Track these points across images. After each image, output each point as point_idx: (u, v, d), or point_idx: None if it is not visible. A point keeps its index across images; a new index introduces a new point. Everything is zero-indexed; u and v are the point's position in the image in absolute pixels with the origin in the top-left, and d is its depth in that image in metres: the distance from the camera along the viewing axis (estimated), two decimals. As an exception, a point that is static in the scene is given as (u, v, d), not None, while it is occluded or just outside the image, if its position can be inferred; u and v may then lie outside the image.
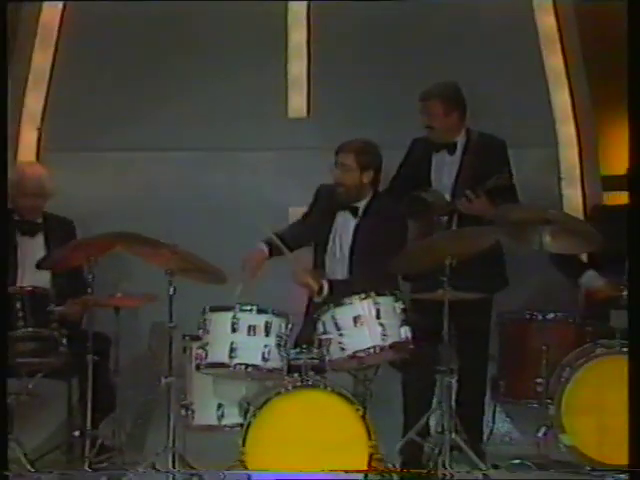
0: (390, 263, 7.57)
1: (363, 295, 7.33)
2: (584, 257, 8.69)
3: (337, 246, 7.95)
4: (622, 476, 5.69)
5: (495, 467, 7.68)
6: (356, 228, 7.89)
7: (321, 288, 7.66)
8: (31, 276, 8.34)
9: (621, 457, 7.76)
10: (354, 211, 7.89)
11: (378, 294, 7.35)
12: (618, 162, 9.48)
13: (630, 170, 6.72)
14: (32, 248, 8.50)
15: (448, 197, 8.27)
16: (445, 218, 8.19)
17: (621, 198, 9.11)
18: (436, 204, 8.17)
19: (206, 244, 7.63)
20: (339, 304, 7.34)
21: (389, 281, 7.65)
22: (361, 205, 7.91)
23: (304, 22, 10.56)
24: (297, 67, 10.39)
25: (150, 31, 10.60)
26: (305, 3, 10.63)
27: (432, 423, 7.46)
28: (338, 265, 7.91)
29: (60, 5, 11.04)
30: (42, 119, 10.23)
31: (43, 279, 8.32)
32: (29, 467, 7.79)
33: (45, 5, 11.01)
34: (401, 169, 8.50)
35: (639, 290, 5.68)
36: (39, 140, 10.09)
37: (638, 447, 5.46)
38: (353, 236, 7.89)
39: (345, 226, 7.92)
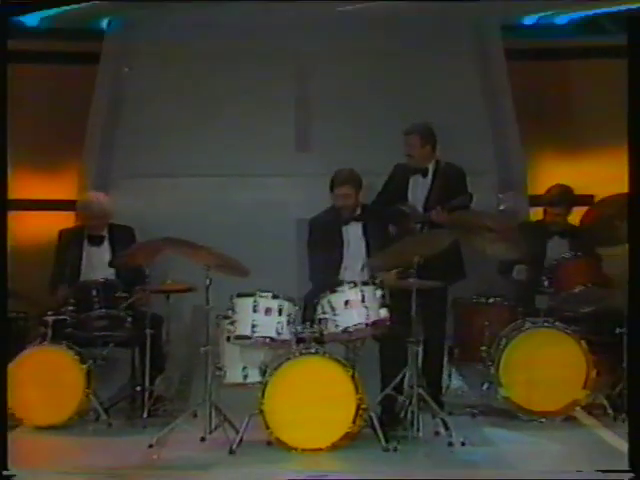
0: (373, 259, 7.64)
1: (352, 284, 7.32)
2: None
3: (352, 252, 7.93)
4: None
5: (450, 414, 7.68)
6: (364, 233, 7.89)
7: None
8: (101, 273, 8.34)
9: (543, 405, 7.94)
10: (357, 220, 7.89)
11: (363, 283, 7.34)
12: (539, 185, 9.45)
13: (630, 170, 6.06)
14: (99, 254, 8.49)
15: (421, 210, 8.23)
16: (419, 226, 8.14)
17: (539, 214, 9.17)
18: (412, 215, 8.15)
19: (233, 247, 7.54)
20: (334, 291, 7.30)
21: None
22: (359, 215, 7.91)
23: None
24: (302, 117, 10.20)
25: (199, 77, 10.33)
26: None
27: (404, 381, 7.39)
28: (356, 263, 7.92)
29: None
30: (109, 147, 10.10)
31: (110, 274, 8.35)
32: (103, 414, 7.87)
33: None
34: (386, 187, 8.44)
35: (639, 290, 5.16)
36: (107, 170, 9.95)
37: (638, 447, 4.91)
38: (363, 237, 7.92)
39: (354, 233, 7.93)
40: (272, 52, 10.32)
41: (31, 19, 11.67)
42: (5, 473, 4.71)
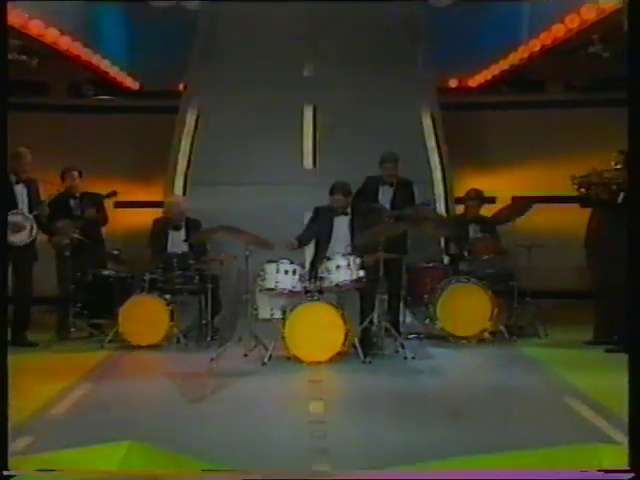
0: (356, 239, 7.49)
1: (341, 255, 7.23)
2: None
3: (341, 235, 7.61)
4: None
5: (405, 339, 7.58)
6: (350, 223, 7.60)
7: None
8: (179, 248, 8.16)
9: (464, 332, 7.84)
10: (346, 215, 7.62)
11: (349, 254, 7.22)
12: (461, 190, 9.28)
13: (630, 171, 5.05)
14: (178, 236, 8.30)
15: (389, 208, 7.99)
16: (387, 219, 7.83)
17: (460, 210, 9.03)
18: (383, 211, 7.93)
19: (263, 230, 7.42)
20: (329, 259, 7.22)
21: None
22: (348, 212, 7.66)
23: (311, 119, 10.19)
24: (308, 143, 10.01)
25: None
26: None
27: (375, 318, 7.29)
28: (344, 242, 7.54)
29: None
30: (187, 166, 9.84)
31: (185, 249, 8.16)
32: (182, 338, 7.79)
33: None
34: (360, 192, 8.03)
35: (639, 289, 4.19)
36: (185, 179, 9.75)
37: (638, 447, 3.86)
38: (349, 226, 7.59)
39: (342, 223, 7.61)
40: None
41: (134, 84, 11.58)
42: (5, 473, 3.80)
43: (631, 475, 3.72)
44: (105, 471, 4.18)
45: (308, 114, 10.20)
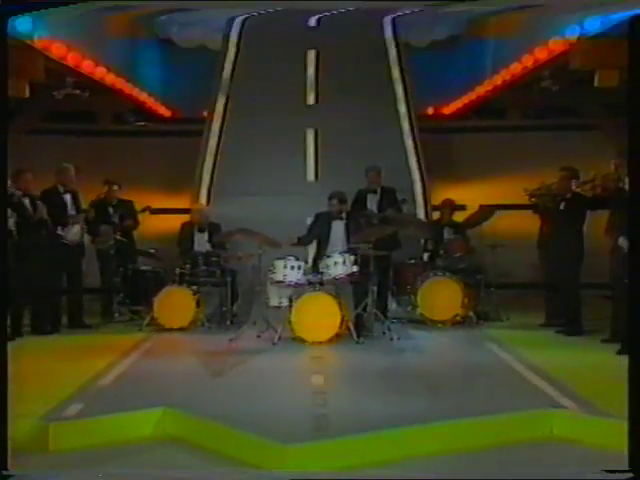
0: (352, 238, 7.35)
1: (338, 254, 7.16)
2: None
3: (338, 236, 7.48)
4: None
5: (392, 322, 7.49)
6: (346, 226, 7.49)
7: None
8: (203, 247, 8.09)
9: (440, 317, 7.76)
10: (342, 219, 7.53)
11: (345, 252, 7.16)
12: (437, 200, 9.24)
13: (630, 171, 4.60)
14: (202, 237, 8.20)
15: (376, 212, 7.86)
16: (375, 221, 7.74)
17: (436, 215, 8.90)
18: (370, 214, 7.81)
19: (274, 232, 7.39)
20: (328, 257, 7.14)
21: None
22: (344, 217, 7.59)
23: (313, 141, 10.12)
24: (310, 160, 9.94)
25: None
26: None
27: (366, 306, 7.22)
28: (340, 242, 7.45)
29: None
30: (210, 180, 9.74)
31: (208, 248, 8.09)
32: (206, 322, 7.74)
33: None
34: (355, 202, 7.90)
35: (639, 289, 3.79)
36: (209, 191, 9.68)
37: (638, 447, 3.52)
38: (345, 229, 7.48)
39: (339, 226, 7.51)
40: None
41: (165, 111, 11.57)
42: (5, 473, 3.54)
43: (630, 475, 3.43)
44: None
45: (310, 136, 10.15)
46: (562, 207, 7.40)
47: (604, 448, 4.05)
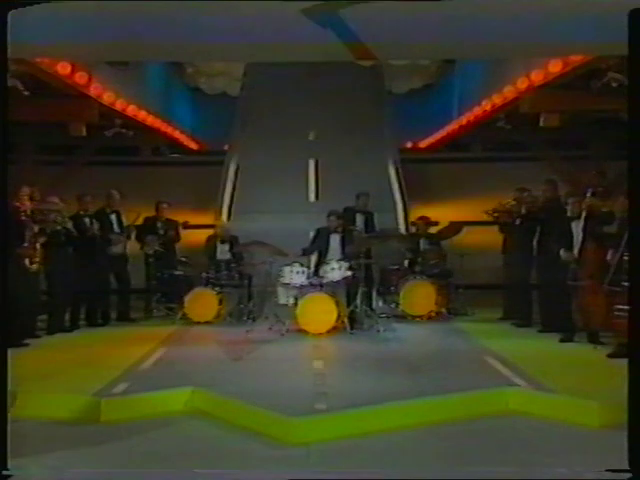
0: (347, 249, 7.27)
1: (335, 261, 7.15)
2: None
3: (335, 247, 7.37)
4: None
5: (379, 317, 7.39)
6: (341, 239, 7.45)
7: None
8: (224, 256, 8.01)
9: (418, 312, 7.67)
10: (338, 233, 7.44)
11: (341, 260, 7.13)
12: (414, 216, 9.07)
13: (630, 175, 4.81)
14: (224, 247, 8.09)
15: (363, 228, 7.75)
16: (364, 236, 7.54)
17: (414, 229, 8.75)
18: (359, 232, 7.67)
19: (282, 244, 7.33)
20: (327, 263, 7.10)
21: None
22: (340, 231, 7.50)
23: (314, 169, 10.05)
24: (311, 184, 9.92)
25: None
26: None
27: (357, 303, 7.20)
28: (336, 252, 7.37)
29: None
30: (230, 201, 9.75)
31: (229, 257, 8.02)
32: (227, 317, 7.64)
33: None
34: (344, 218, 7.72)
35: (639, 289, 3.26)
36: (229, 210, 9.70)
37: (638, 447, 2.96)
38: (340, 241, 7.42)
39: (336, 239, 7.43)
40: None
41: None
42: (5, 473, 3.11)
43: (630, 475, 2.98)
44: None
45: (312, 165, 10.17)
46: (517, 222, 7.50)
47: (551, 419, 4.05)
